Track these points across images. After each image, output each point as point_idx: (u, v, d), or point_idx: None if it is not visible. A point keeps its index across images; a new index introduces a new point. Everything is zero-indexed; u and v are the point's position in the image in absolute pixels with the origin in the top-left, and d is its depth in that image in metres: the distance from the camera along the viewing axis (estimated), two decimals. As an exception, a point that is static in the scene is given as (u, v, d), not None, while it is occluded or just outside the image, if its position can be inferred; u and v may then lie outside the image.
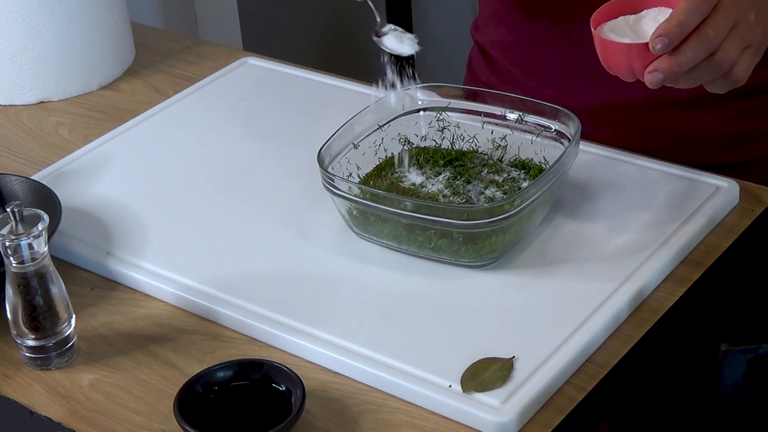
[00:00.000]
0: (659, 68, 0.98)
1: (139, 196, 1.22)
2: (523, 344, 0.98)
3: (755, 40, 1.01)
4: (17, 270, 0.98)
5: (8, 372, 1.03)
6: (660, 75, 0.98)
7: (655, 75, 0.98)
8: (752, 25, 0.99)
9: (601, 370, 0.97)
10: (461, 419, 0.93)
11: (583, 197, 1.15)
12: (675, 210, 1.12)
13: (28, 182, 1.19)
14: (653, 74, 0.98)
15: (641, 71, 0.99)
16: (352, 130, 1.16)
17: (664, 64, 0.98)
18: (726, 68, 1.00)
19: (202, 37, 2.32)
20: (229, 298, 1.06)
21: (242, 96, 1.40)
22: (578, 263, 1.07)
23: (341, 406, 0.96)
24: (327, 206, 1.14)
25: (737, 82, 1.02)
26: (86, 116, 1.42)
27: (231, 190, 1.22)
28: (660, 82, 0.99)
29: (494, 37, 1.40)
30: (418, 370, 0.96)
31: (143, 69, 1.52)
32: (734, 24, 0.98)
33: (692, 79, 1.00)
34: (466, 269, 1.07)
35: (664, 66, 0.98)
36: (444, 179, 1.11)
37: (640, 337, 1.00)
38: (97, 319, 1.08)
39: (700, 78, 1.01)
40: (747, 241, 1.11)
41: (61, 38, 1.43)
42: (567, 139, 1.13)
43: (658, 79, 0.98)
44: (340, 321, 1.03)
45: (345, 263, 1.10)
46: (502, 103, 1.18)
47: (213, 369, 0.95)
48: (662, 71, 0.98)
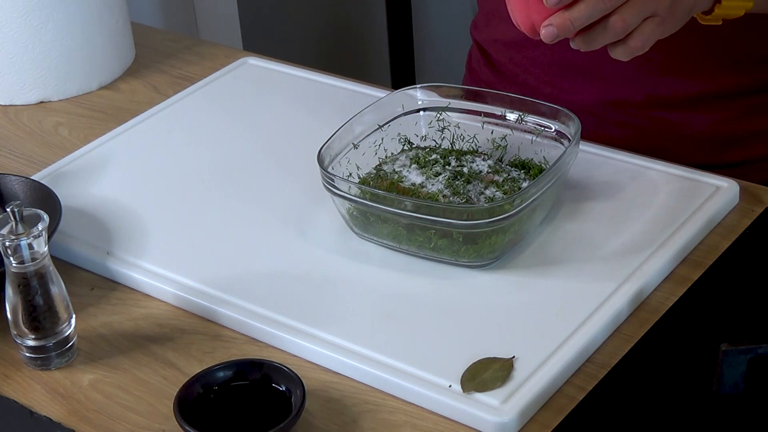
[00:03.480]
0: (553, 23, 0.99)
1: (139, 196, 1.22)
2: (523, 344, 0.98)
3: (660, 11, 1.00)
4: (17, 270, 0.98)
5: (8, 372, 1.03)
6: (554, 30, 0.99)
7: (549, 29, 0.99)
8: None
9: (601, 370, 0.97)
10: (461, 419, 0.93)
11: (583, 197, 1.15)
12: (675, 210, 1.12)
13: (28, 182, 1.19)
14: (547, 28, 1.00)
15: (540, 26, 1.01)
16: (352, 130, 1.16)
17: (559, 19, 0.99)
18: (620, 33, 1.00)
19: (202, 37, 2.32)
20: (229, 298, 1.06)
21: (242, 96, 1.40)
22: (578, 263, 1.07)
23: (341, 406, 0.96)
24: (327, 206, 1.14)
25: (635, 50, 1.02)
26: (86, 116, 1.42)
27: (231, 190, 1.22)
28: (554, 36, 0.99)
29: (493, 36, 1.40)
30: (418, 370, 0.96)
31: (143, 69, 1.52)
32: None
33: (589, 39, 1.01)
34: (466, 269, 1.07)
35: (558, 21, 0.99)
36: (444, 179, 1.11)
37: (640, 337, 1.00)
38: (97, 319, 1.08)
39: (596, 40, 1.01)
40: (747, 241, 1.11)
41: (61, 38, 1.43)
42: (567, 139, 1.13)
43: (552, 34, 0.99)
44: (340, 321, 1.03)
45: (345, 263, 1.10)
46: (502, 103, 1.18)
47: (213, 369, 0.95)
48: (556, 26, 0.99)
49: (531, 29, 1.02)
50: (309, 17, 2.69)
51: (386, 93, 1.25)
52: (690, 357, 1.02)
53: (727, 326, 1.04)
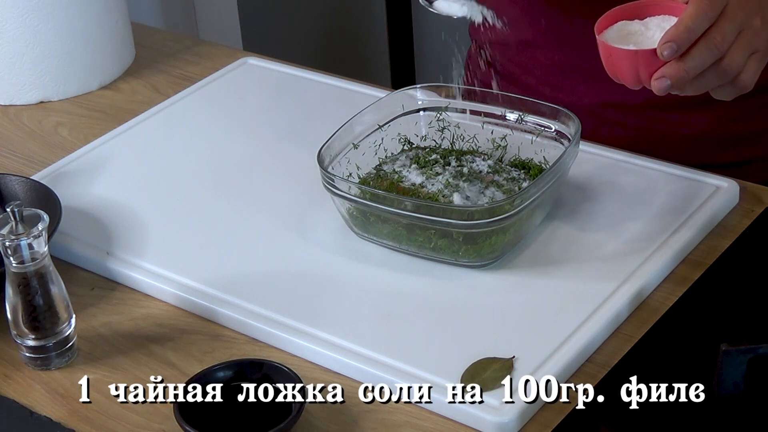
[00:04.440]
0: (667, 74, 0.97)
1: (139, 196, 1.22)
2: (523, 344, 0.98)
3: (761, 45, 1.00)
4: (17, 270, 0.98)
5: (8, 372, 1.03)
6: (667, 81, 0.97)
7: (662, 81, 0.98)
8: (758, 30, 0.99)
9: (601, 370, 0.97)
10: (461, 419, 0.93)
11: (583, 197, 1.15)
12: (675, 210, 1.12)
13: (28, 182, 1.19)
14: (661, 80, 0.98)
15: (648, 78, 0.99)
16: (352, 130, 1.16)
17: (672, 70, 0.97)
18: (733, 74, 0.99)
19: (202, 37, 2.32)
20: (229, 298, 1.06)
21: (242, 96, 1.40)
22: (578, 263, 1.07)
23: (341, 406, 0.96)
24: (327, 206, 1.14)
25: (744, 89, 1.01)
26: (86, 116, 1.42)
27: (231, 190, 1.22)
28: (668, 88, 0.98)
29: (493, 37, 1.40)
30: (418, 370, 0.96)
31: (143, 69, 1.52)
32: (740, 29, 0.98)
33: (699, 85, 0.99)
34: (466, 269, 1.07)
35: (672, 72, 0.97)
36: (444, 179, 1.11)
37: (640, 337, 1.00)
38: (97, 319, 1.08)
39: (707, 84, 1.00)
40: (747, 241, 1.11)
41: (61, 38, 1.43)
42: (567, 139, 1.13)
43: (666, 86, 0.98)
44: (340, 321, 1.03)
45: (345, 263, 1.10)
46: (502, 103, 1.18)
47: (213, 369, 0.95)
48: (670, 77, 0.97)
49: (634, 80, 1.00)
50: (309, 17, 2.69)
51: (386, 93, 1.25)
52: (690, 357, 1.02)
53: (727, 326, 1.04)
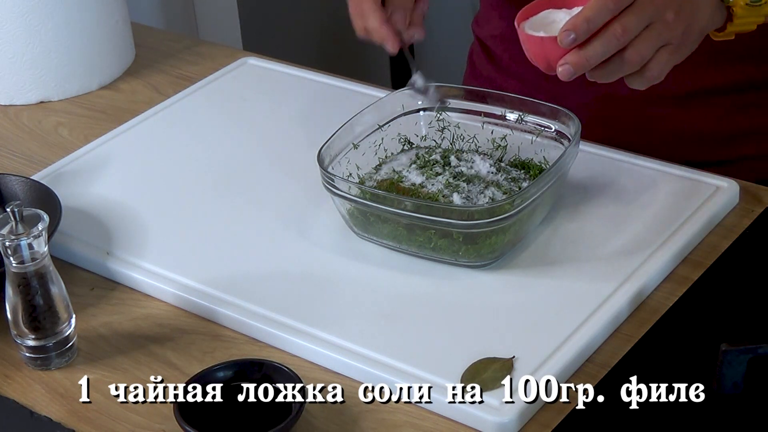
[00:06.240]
0: (569, 61, 1.00)
1: (139, 196, 1.22)
2: (523, 344, 0.98)
3: (673, 39, 1.02)
4: (17, 270, 0.98)
5: (8, 372, 1.03)
6: (570, 68, 1.00)
7: (565, 68, 1.01)
8: (669, 24, 1.01)
9: (601, 370, 0.97)
10: (461, 419, 0.93)
11: (583, 197, 1.15)
12: (675, 210, 1.12)
13: (28, 182, 1.19)
14: (564, 67, 1.01)
15: (556, 64, 1.02)
16: (352, 130, 1.16)
17: (574, 58, 1.00)
18: (637, 65, 1.01)
19: (202, 37, 2.32)
20: (229, 298, 1.06)
21: (242, 96, 1.40)
22: (578, 263, 1.07)
23: (341, 406, 0.96)
24: (327, 206, 1.14)
25: (652, 79, 1.03)
26: (86, 116, 1.42)
27: (231, 190, 1.22)
28: (570, 74, 1.01)
29: (495, 32, 1.41)
30: (418, 370, 0.96)
31: (143, 69, 1.52)
32: (650, 22, 1.00)
33: (605, 73, 1.02)
34: (466, 269, 1.07)
35: (574, 59, 1.00)
36: (444, 179, 1.11)
37: (640, 337, 1.00)
38: (97, 319, 1.08)
39: (612, 73, 1.02)
40: (747, 241, 1.11)
41: (61, 38, 1.43)
42: (567, 139, 1.13)
43: (569, 72, 1.01)
44: (340, 321, 1.03)
45: (345, 263, 1.10)
46: (502, 103, 1.18)
47: (213, 369, 0.95)
48: (572, 64, 1.00)
49: (546, 66, 1.03)
50: (309, 17, 2.69)
51: (386, 93, 1.25)
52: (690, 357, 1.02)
53: (727, 326, 1.04)
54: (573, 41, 0.99)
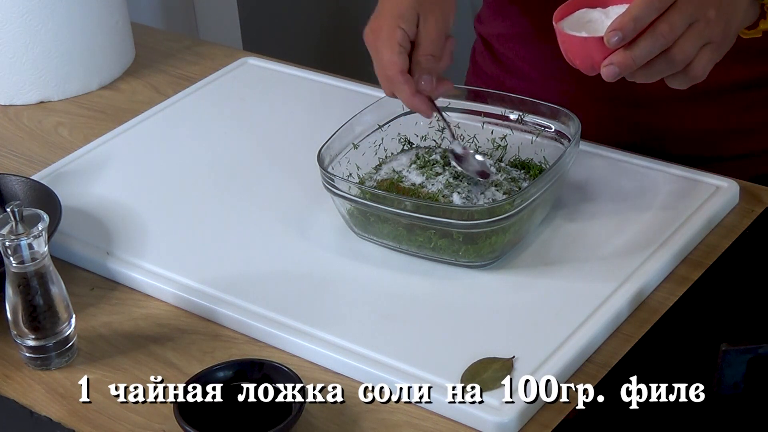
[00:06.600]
0: (615, 62, 1.00)
1: (139, 196, 1.22)
2: (523, 344, 0.98)
3: (715, 37, 1.01)
4: (17, 270, 0.98)
5: (8, 372, 1.03)
6: (615, 68, 1.00)
7: (610, 68, 1.00)
8: (711, 22, 1.00)
9: (601, 370, 0.97)
10: (461, 419, 0.93)
11: (583, 197, 1.15)
12: (675, 210, 1.12)
13: (28, 182, 1.19)
14: (609, 68, 1.00)
15: (599, 65, 1.01)
16: (352, 130, 1.16)
17: (620, 58, 0.99)
18: (682, 64, 1.01)
19: (202, 37, 2.32)
20: (229, 298, 1.06)
21: (242, 96, 1.40)
22: (578, 263, 1.07)
23: (341, 406, 0.96)
24: (327, 206, 1.14)
25: (695, 78, 1.03)
26: (86, 116, 1.42)
27: (231, 190, 1.22)
28: (615, 75, 1.00)
29: (497, 30, 1.41)
30: (418, 370, 0.96)
31: (143, 69, 1.52)
32: (693, 21, 0.99)
33: (649, 73, 1.01)
34: (466, 269, 1.07)
35: (620, 60, 0.99)
36: (444, 179, 1.11)
37: (640, 337, 1.00)
38: (97, 319, 1.08)
39: (657, 73, 1.02)
40: (747, 241, 1.11)
41: (61, 38, 1.43)
42: (567, 139, 1.13)
43: (614, 73, 1.00)
44: (340, 321, 1.03)
45: (345, 263, 1.10)
46: (502, 103, 1.18)
47: (213, 369, 0.95)
48: (617, 65, 0.99)
49: (588, 67, 1.02)
50: (309, 17, 2.69)
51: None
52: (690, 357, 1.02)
53: (727, 326, 1.04)
54: (620, 41, 0.98)
